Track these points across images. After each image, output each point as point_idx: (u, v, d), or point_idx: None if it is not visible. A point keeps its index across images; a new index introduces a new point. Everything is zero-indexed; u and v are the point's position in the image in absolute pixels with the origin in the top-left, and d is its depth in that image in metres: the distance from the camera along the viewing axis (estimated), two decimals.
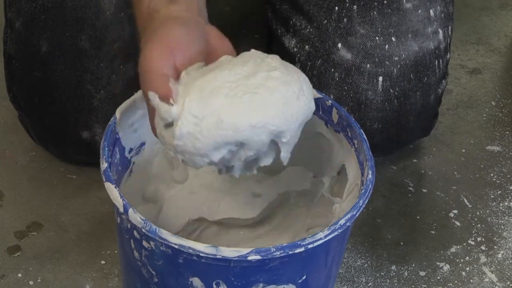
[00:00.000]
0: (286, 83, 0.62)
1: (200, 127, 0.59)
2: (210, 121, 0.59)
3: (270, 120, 0.60)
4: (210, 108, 0.59)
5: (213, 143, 0.59)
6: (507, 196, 0.98)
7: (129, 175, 0.74)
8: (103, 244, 0.87)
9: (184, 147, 0.60)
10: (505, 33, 1.28)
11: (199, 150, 0.60)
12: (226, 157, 0.61)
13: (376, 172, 0.67)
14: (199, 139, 0.59)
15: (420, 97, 0.91)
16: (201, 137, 0.59)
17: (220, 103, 0.59)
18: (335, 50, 0.89)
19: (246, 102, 0.59)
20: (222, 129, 0.59)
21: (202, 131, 0.59)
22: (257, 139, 0.60)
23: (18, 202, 0.92)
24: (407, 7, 0.89)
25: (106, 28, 0.85)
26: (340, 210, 0.74)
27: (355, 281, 0.85)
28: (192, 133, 0.59)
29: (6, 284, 0.82)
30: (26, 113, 0.91)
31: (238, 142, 0.60)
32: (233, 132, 0.59)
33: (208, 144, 0.59)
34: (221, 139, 0.59)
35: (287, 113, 0.61)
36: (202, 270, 0.61)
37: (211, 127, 0.59)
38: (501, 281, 0.86)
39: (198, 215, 0.81)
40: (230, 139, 0.59)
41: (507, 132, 1.08)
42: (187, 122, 0.59)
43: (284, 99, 0.61)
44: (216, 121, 0.59)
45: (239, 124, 0.59)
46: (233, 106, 0.59)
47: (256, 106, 0.59)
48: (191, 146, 0.59)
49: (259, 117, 0.59)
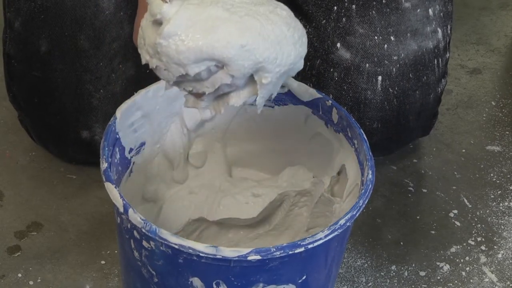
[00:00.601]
0: (289, 25, 0.61)
1: (190, 31, 0.57)
2: (202, 27, 0.57)
3: (261, 49, 0.59)
4: (205, 15, 0.58)
5: (198, 51, 0.57)
6: (507, 196, 0.98)
7: (129, 175, 0.74)
8: (103, 244, 0.87)
9: (167, 48, 0.57)
10: (505, 33, 1.28)
11: (180, 55, 0.57)
12: (202, 74, 0.59)
13: (376, 172, 0.67)
14: (185, 43, 0.57)
15: (420, 96, 0.91)
16: (188, 41, 0.57)
17: (217, 14, 0.58)
18: (334, 49, 0.88)
19: (244, 23, 0.58)
20: (211, 40, 0.57)
21: (191, 36, 0.57)
22: (240, 63, 0.58)
23: (18, 202, 0.92)
24: (406, 6, 0.89)
25: (105, 27, 0.85)
26: (340, 210, 0.74)
27: (355, 281, 0.85)
28: (179, 35, 0.57)
29: (6, 284, 0.82)
30: (26, 113, 0.91)
31: (222, 59, 0.58)
32: (221, 46, 0.57)
33: (192, 51, 0.57)
34: (206, 49, 0.57)
35: (279, 51, 0.60)
36: (202, 270, 0.61)
37: (201, 33, 0.57)
38: (501, 281, 0.86)
39: (198, 215, 0.81)
40: (215, 52, 0.57)
41: (507, 132, 1.08)
42: (179, 23, 0.57)
43: (282, 37, 0.60)
44: (209, 28, 0.57)
45: (230, 39, 0.57)
46: (229, 21, 0.58)
47: (252, 30, 0.58)
48: (174, 48, 0.57)
49: (251, 41, 0.58)
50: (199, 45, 0.57)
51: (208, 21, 0.57)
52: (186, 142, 0.81)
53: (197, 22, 0.57)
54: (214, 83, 0.60)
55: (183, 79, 0.60)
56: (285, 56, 0.60)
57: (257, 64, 0.59)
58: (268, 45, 0.59)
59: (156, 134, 0.77)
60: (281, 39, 0.60)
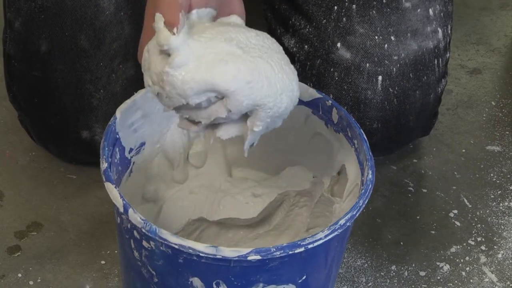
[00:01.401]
0: (296, 81, 0.62)
1: (199, 63, 0.57)
2: (212, 60, 0.58)
3: (264, 93, 0.59)
4: (217, 49, 0.58)
5: (203, 83, 0.57)
6: (507, 196, 0.98)
7: (129, 175, 0.74)
8: (103, 244, 0.87)
9: (173, 78, 0.57)
10: (505, 33, 1.28)
11: (184, 85, 0.57)
12: (201, 103, 0.59)
13: (376, 172, 0.67)
14: (191, 74, 0.57)
15: (420, 96, 0.91)
16: (194, 72, 0.57)
17: (230, 50, 0.59)
18: (334, 49, 0.88)
19: (255, 63, 0.59)
20: (218, 71, 0.57)
21: (199, 67, 0.57)
22: (241, 99, 0.59)
23: (18, 202, 0.92)
24: (406, 6, 0.89)
25: (106, 27, 0.84)
26: (340, 210, 0.75)
27: (355, 281, 0.85)
28: (187, 66, 0.57)
29: (6, 284, 0.82)
30: (26, 113, 0.91)
31: (224, 90, 0.58)
32: (227, 78, 0.58)
33: (197, 82, 0.57)
34: (212, 80, 0.57)
35: (277, 102, 0.61)
36: (202, 270, 0.61)
37: (210, 65, 0.57)
38: (501, 281, 0.86)
39: (198, 215, 0.81)
40: (220, 83, 0.58)
41: (507, 132, 1.08)
42: (189, 54, 0.57)
43: (286, 90, 0.61)
44: (218, 61, 0.58)
45: (237, 73, 0.58)
46: (241, 58, 0.59)
47: (262, 71, 0.59)
48: (180, 79, 0.57)
49: (256, 80, 0.59)
50: (205, 77, 0.57)
51: (219, 55, 0.58)
52: (186, 142, 0.81)
53: (208, 54, 0.58)
54: (210, 115, 0.60)
55: (182, 107, 0.60)
56: (281, 109, 0.62)
57: (255, 106, 0.60)
58: (272, 92, 0.60)
59: (156, 134, 0.77)
60: (284, 91, 0.61)
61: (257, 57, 0.60)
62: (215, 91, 0.58)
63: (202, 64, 0.57)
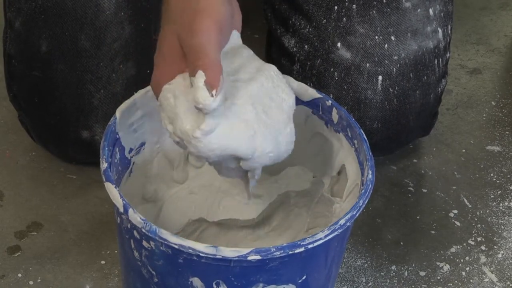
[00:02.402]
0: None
1: (229, 128, 0.60)
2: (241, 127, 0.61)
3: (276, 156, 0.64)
4: (246, 116, 0.61)
5: (229, 150, 0.60)
6: (507, 196, 0.98)
7: (129, 175, 0.74)
8: (103, 244, 0.87)
9: (200, 143, 0.59)
10: (505, 33, 1.28)
11: (209, 151, 0.60)
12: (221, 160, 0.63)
13: (376, 172, 0.67)
14: (219, 141, 0.59)
15: (420, 96, 0.91)
16: (223, 139, 0.59)
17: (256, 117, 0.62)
18: (335, 49, 0.88)
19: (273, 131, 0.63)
20: (247, 142, 0.61)
21: (228, 133, 0.60)
22: (255, 165, 0.63)
23: (18, 202, 0.92)
24: (406, 6, 0.89)
25: (106, 27, 0.84)
26: (340, 210, 0.74)
27: (355, 281, 0.85)
28: (217, 132, 0.59)
29: (6, 284, 0.82)
30: (26, 113, 0.91)
31: (246, 157, 0.62)
32: (254, 149, 0.61)
33: (223, 149, 0.60)
34: (238, 148, 0.60)
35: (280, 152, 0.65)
36: (202, 270, 0.61)
37: (240, 133, 0.60)
38: (501, 281, 0.86)
39: (198, 216, 0.81)
40: (245, 153, 0.61)
41: (507, 132, 1.08)
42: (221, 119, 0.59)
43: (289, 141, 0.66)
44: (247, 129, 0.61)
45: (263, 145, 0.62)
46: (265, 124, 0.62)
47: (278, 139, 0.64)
48: (206, 144, 0.59)
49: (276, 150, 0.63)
50: (231, 145, 0.60)
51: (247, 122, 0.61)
52: None
53: (237, 122, 0.60)
54: (220, 163, 0.64)
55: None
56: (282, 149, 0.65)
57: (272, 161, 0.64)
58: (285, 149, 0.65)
59: (156, 134, 0.77)
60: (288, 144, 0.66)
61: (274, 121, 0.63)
62: (236, 156, 0.61)
63: (231, 131, 0.60)
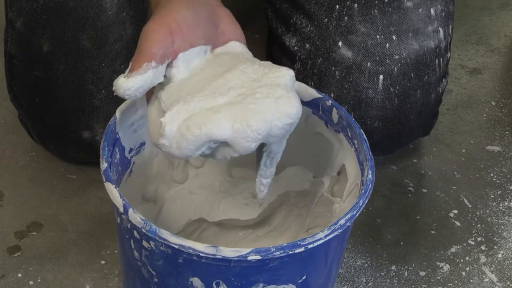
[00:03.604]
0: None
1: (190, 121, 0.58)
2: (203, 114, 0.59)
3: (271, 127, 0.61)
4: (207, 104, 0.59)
5: (199, 139, 0.59)
6: (507, 196, 0.98)
7: (129, 175, 0.74)
8: (103, 244, 0.87)
9: (169, 148, 0.59)
10: (505, 33, 1.28)
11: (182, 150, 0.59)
12: (205, 152, 0.61)
13: (376, 172, 0.67)
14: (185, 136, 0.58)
15: (421, 95, 0.91)
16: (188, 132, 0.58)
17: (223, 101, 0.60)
18: (336, 48, 0.89)
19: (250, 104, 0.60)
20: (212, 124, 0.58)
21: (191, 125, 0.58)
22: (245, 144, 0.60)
23: (18, 202, 0.92)
24: (408, 5, 0.89)
25: (108, 28, 0.84)
26: (340, 210, 0.74)
27: (355, 281, 0.85)
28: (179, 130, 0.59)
29: (6, 284, 0.82)
30: (27, 113, 0.91)
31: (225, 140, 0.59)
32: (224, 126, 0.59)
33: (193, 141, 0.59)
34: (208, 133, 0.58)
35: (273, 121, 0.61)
36: (202, 270, 0.61)
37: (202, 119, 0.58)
38: (501, 281, 0.86)
39: (198, 216, 0.81)
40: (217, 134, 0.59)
41: (507, 132, 1.08)
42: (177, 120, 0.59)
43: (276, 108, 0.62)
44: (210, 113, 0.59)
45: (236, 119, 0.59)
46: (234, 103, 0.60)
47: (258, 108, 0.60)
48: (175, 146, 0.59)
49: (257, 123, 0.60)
50: (197, 133, 0.58)
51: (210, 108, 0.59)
52: None
53: (198, 112, 0.59)
54: (225, 157, 0.62)
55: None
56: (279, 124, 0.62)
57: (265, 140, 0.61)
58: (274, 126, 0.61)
59: None
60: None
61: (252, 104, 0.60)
62: (213, 141, 0.59)
63: (193, 122, 0.58)
